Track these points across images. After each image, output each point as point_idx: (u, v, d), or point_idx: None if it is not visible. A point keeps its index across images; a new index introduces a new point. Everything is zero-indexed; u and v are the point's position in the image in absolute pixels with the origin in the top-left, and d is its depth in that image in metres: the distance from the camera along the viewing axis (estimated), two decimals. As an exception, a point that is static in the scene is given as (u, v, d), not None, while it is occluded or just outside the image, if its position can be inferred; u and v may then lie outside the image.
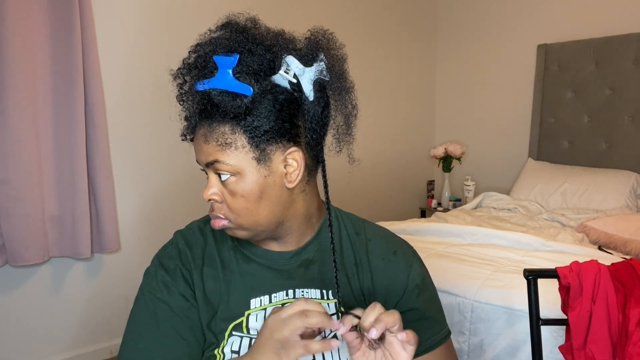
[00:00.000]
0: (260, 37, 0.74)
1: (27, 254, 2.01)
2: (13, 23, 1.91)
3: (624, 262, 1.05)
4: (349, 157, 0.81)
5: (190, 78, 0.74)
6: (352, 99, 0.78)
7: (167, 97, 2.79)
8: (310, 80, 0.72)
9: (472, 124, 3.80)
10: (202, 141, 0.74)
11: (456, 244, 2.15)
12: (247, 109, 0.70)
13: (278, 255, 0.83)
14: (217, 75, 0.70)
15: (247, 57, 0.71)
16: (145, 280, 0.82)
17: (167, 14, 2.44)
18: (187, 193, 2.57)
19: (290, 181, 0.76)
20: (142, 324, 0.78)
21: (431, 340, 0.86)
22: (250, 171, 0.73)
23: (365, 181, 3.44)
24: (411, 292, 0.85)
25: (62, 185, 2.12)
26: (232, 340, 0.78)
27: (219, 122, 0.72)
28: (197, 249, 0.83)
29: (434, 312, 0.88)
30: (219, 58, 0.70)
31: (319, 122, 0.76)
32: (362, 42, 3.36)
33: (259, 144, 0.72)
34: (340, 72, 0.76)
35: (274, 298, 0.81)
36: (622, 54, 2.92)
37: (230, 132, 0.71)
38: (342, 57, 0.77)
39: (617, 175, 2.87)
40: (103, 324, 2.36)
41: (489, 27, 3.61)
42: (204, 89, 0.71)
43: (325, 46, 0.74)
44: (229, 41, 0.71)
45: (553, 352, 1.45)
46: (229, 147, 0.72)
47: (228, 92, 0.70)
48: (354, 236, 0.88)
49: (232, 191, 0.74)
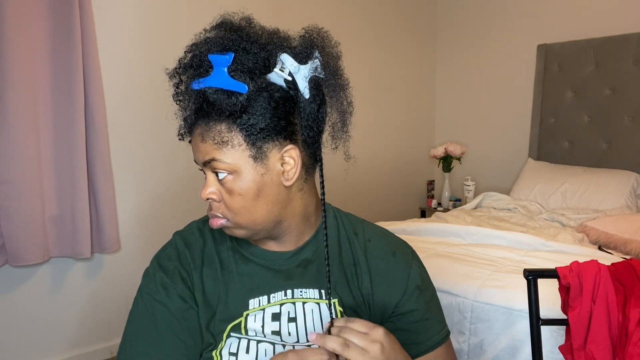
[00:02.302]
0: (255, 36, 0.74)
1: (27, 254, 2.01)
2: (13, 23, 1.91)
3: (624, 262, 1.05)
4: (345, 155, 0.81)
5: (187, 77, 0.74)
6: (348, 96, 0.78)
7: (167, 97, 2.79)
8: (305, 77, 0.72)
9: (472, 124, 3.80)
10: (199, 140, 0.74)
11: (456, 244, 2.15)
12: (243, 107, 0.70)
13: (276, 255, 0.83)
14: (212, 73, 0.70)
15: (242, 56, 0.71)
16: (143, 282, 0.81)
17: (167, 14, 2.43)
18: (187, 193, 2.57)
19: (288, 179, 0.76)
20: (140, 326, 0.78)
21: (431, 341, 0.86)
22: (247, 169, 0.73)
23: (365, 181, 3.44)
24: (411, 294, 0.85)
25: (62, 185, 2.12)
26: (230, 341, 0.77)
27: (215, 120, 0.72)
28: (196, 249, 0.83)
29: (434, 313, 0.88)
30: (214, 57, 0.70)
31: (315, 120, 0.76)
32: (362, 42, 3.36)
33: (255, 141, 0.72)
34: (335, 70, 0.76)
35: (272, 298, 0.81)
36: (622, 54, 2.92)
37: (226, 130, 0.72)
38: (336, 54, 0.77)
39: (617, 175, 2.87)
40: (103, 324, 2.36)
41: (489, 27, 3.61)
42: (199, 87, 0.71)
43: (319, 44, 0.74)
44: (224, 40, 0.71)
45: (553, 352, 1.45)
46: (225, 146, 0.72)
47: (223, 91, 0.70)
48: (353, 236, 0.88)
49: (230, 189, 0.74)
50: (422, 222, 2.57)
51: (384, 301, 0.84)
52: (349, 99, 0.78)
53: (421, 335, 0.85)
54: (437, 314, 0.89)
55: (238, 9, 0.78)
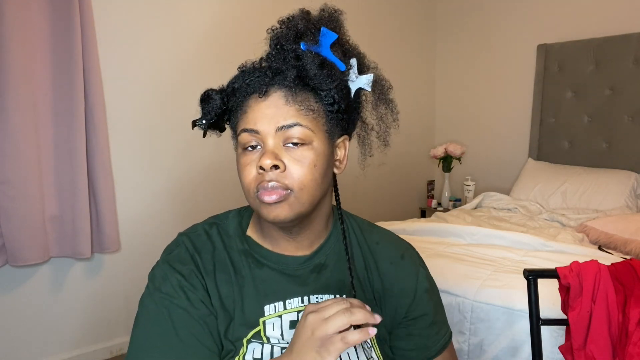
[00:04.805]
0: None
1: (27, 254, 2.01)
2: (13, 23, 1.91)
3: (624, 262, 1.05)
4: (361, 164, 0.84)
5: (290, 40, 0.74)
6: (394, 112, 0.82)
7: (167, 97, 2.79)
8: (356, 86, 0.77)
9: (472, 124, 3.80)
10: (281, 102, 0.71)
11: (456, 244, 2.15)
12: (339, 83, 0.73)
13: (291, 259, 0.81)
14: (322, 44, 0.73)
15: (340, 40, 0.76)
16: (153, 286, 0.76)
17: (167, 13, 2.43)
18: (187, 193, 2.57)
19: (339, 167, 0.79)
20: (156, 332, 0.72)
21: (439, 345, 0.87)
22: (323, 142, 0.74)
23: (366, 181, 3.44)
24: (421, 298, 0.85)
25: (62, 185, 2.12)
26: (253, 347, 0.75)
27: (303, 88, 0.72)
28: (206, 253, 0.79)
29: (440, 315, 0.89)
30: (326, 30, 0.73)
31: (354, 123, 0.82)
32: (362, 42, 3.33)
33: (331, 119, 0.74)
34: (383, 89, 0.81)
35: (288, 305, 0.79)
36: (622, 54, 2.92)
37: (314, 100, 0.73)
38: (388, 86, 0.82)
39: (617, 175, 2.87)
40: (103, 324, 2.36)
41: (488, 27, 3.61)
42: (308, 49, 0.72)
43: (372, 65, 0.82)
44: (330, 22, 0.76)
45: (553, 352, 1.45)
46: (311, 113, 0.72)
47: (327, 63, 0.72)
48: (362, 240, 0.87)
49: (302, 158, 0.71)
50: (422, 222, 2.57)
51: (395, 305, 0.84)
52: (395, 116, 0.82)
53: (431, 339, 0.86)
54: (442, 315, 0.90)
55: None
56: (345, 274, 0.82)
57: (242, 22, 2.64)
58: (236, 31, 2.61)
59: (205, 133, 0.79)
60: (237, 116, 0.75)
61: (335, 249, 0.84)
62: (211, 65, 2.54)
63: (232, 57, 0.82)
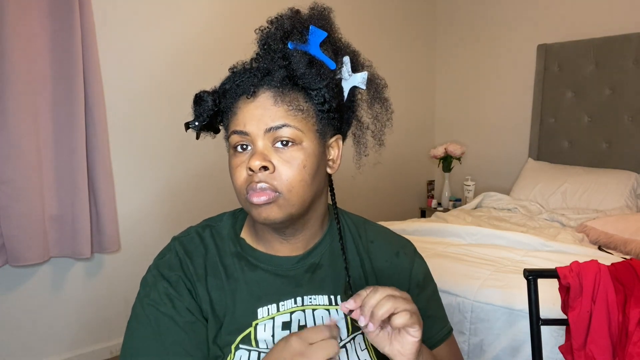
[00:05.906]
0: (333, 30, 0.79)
1: (27, 254, 2.01)
2: (13, 23, 1.91)
3: (624, 262, 1.05)
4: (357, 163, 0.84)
5: (275, 38, 0.74)
6: (389, 111, 0.83)
7: (167, 97, 2.78)
8: (349, 84, 0.77)
9: (472, 124, 3.80)
10: (269, 103, 0.71)
11: (456, 244, 2.15)
12: (329, 82, 0.73)
13: (284, 260, 0.80)
14: (310, 42, 0.72)
15: (330, 39, 0.75)
16: (143, 292, 0.77)
17: (167, 14, 2.43)
18: (187, 193, 2.57)
19: (332, 167, 0.78)
20: (143, 338, 0.73)
21: (434, 339, 0.86)
22: (313, 142, 0.73)
23: (366, 181, 3.44)
24: (412, 291, 0.85)
25: (62, 185, 2.12)
26: (240, 354, 0.74)
27: (292, 87, 0.72)
28: (198, 257, 0.78)
29: (435, 310, 0.89)
30: (315, 28, 0.73)
31: (348, 122, 0.81)
32: (362, 42, 3.34)
33: (322, 118, 0.74)
34: (377, 87, 0.81)
35: (281, 306, 0.78)
36: (622, 54, 2.92)
37: (303, 99, 0.72)
38: (383, 84, 0.82)
39: (617, 175, 2.87)
40: (103, 324, 2.36)
41: (489, 27, 3.61)
42: (295, 48, 0.72)
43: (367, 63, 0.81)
44: (320, 20, 0.75)
45: (553, 352, 1.45)
46: (300, 114, 0.71)
47: (315, 62, 0.72)
48: (357, 239, 0.87)
49: (291, 159, 0.70)
50: (422, 222, 2.57)
51: None
52: (389, 115, 0.82)
53: (424, 333, 0.85)
54: (439, 311, 0.90)
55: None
56: (340, 273, 0.82)
57: (243, 23, 2.64)
58: (236, 31, 2.61)
59: (199, 135, 0.78)
60: (228, 117, 0.75)
61: (330, 248, 0.83)
62: (211, 65, 2.54)
63: (232, 57, 0.82)
